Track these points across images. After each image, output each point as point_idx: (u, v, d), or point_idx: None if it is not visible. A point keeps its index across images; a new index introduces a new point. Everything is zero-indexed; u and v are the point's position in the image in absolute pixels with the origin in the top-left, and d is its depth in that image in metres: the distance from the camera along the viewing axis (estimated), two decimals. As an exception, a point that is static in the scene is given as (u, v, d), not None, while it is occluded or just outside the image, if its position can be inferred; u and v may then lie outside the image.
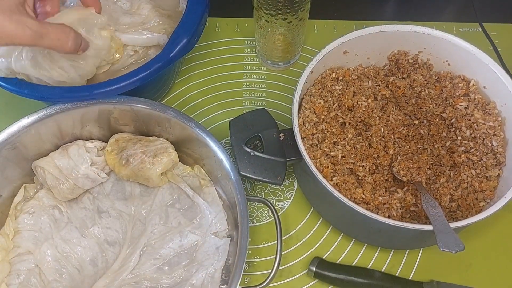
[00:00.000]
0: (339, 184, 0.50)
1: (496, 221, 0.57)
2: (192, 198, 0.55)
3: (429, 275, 0.54)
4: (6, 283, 0.50)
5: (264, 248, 0.56)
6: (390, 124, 0.54)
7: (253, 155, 0.51)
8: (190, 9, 0.55)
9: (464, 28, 0.72)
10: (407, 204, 0.49)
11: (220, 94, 0.67)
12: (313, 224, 0.57)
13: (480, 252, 0.55)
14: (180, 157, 0.56)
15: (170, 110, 0.52)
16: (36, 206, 0.54)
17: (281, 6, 0.55)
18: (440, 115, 0.55)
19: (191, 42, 0.54)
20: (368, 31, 0.55)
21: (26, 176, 0.56)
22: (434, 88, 0.56)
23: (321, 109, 0.54)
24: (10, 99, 0.63)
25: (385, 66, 0.60)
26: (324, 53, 0.54)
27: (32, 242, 0.52)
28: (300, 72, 0.53)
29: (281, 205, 0.59)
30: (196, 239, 0.53)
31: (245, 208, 0.48)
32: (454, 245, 0.42)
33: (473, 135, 0.53)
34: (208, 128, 0.61)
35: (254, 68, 0.69)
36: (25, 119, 0.51)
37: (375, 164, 0.52)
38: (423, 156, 0.53)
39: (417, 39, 0.56)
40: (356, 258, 0.55)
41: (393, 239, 0.52)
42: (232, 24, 0.73)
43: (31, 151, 0.54)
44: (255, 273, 0.55)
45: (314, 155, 0.51)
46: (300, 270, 0.55)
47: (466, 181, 0.50)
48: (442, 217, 0.45)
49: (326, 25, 0.73)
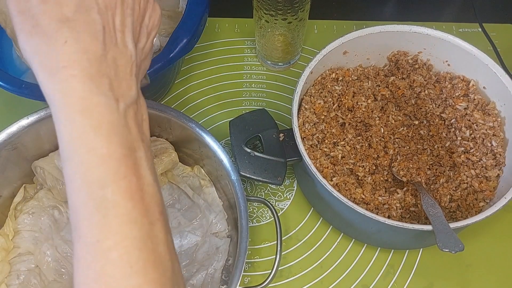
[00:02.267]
0: (339, 184, 0.50)
1: (496, 221, 0.57)
2: (192, 199, 0.55)
3: (429, 275, 0.54)
4: (6, 284, 0.50)
5: (264, 248, 0.56)
6: (390, 124, 0.54)
7: (253, 155, 0.51)
8: (190, 10, 0.55)
9: (464, 29, 0.72)
10: (406, 204, 0.49)
11: (220, 94, 0.67)
12: (313, 224, 0.57)
13: (480, 252, 0.55)
14: (180, 157, 0.56)
15: (170, 110, 0.52)
16: (36, 207, 0.54)
17: (281, 6, 0.55)
18: (439, 116, 0.55)
19: (191, 43, 0.54)
20: (368, 31, 0.55)
21: (26, 177, 0.56)
22: (434, 88, 0.56)
23: (321, 110, 0.54)
24: (10, 99, 0.63)
25: (385, 66, 0.60)
26: (324, 53, 0.54)
27: (32, 242, 0.52)
28: (300, 72, 0.53)
29: (281, 205, 0.59)
30: (196, 240, 0.53)
31: (245, 208, 0.48)
32: (454, 245, 0.42)
33: (473, 135, 0.53)
34: (208, 128, 0.61)
35: (254, 69, 0.69)
36: (25, 119, 0.51)
37: (375, 164, 0.52)
38: (423, 157, 0.53)
39: (417, 40, 0.56)
40: (356, 258, 0.55)
41: (393, 239, 0.53)
42: (232, 24, 0.73)
43: (31, 151, 0.54)
44: (255, 273, 0.55)
45: (314, 156, 0.51)
46: (300, 270, 0.55)
47: (465, 182, 0.50)
48: (442, 217, 0.45)
49: (326, 26, 0.73)
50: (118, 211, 0.26)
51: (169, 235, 0.29)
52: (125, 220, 0.26)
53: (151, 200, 0.27)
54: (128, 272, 0.25)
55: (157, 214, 0.27)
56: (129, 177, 0.26)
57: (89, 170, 0.26)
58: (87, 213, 0.26)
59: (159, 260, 0.27)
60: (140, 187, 0.27)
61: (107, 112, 0.26)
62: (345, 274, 0.54)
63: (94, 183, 0.26)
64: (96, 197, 0.26)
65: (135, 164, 0.27)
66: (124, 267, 0.25)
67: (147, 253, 0.26)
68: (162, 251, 0.27)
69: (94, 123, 0.26)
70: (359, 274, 0.54)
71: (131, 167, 0.27)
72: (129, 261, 0.25)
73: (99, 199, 0.25)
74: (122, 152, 0.26)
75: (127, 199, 0.26)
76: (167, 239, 0.28)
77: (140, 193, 0.27)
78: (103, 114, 0.26)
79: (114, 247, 0.25)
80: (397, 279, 0.54)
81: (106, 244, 0.25)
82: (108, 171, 0.26)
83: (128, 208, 0.26)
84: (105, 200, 0.25)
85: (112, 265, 0.25)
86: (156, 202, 0.28)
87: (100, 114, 0.26)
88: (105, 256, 0.25)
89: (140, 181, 0.27)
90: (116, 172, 0.26)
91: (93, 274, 0.25)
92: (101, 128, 0.26)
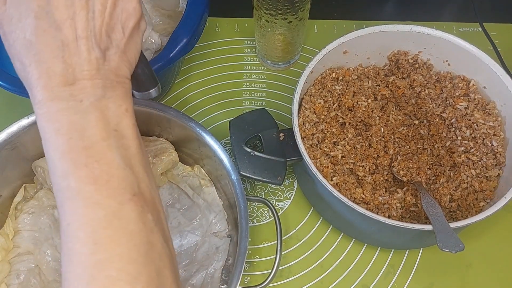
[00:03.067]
0: (339, 184, 0.50)
1: (496, 221, 0.57)
2: (192, 198, 0.55)
3: (429, 275, 0.54)
4: (6, 283, 0.50)
5: (264, 248, 0.56)
6: (390, 124, 0.54)
7: (253, 155, 0.51)
8: (190, 9, 0.55)
9: (464, 28, 0.72)
10: (407, 204, 0.49)
11: (220, 94, 0.67)
12: (313, 224, 0.57)
13: (480, 252, 0.55)
14: (180, 157, 0.56)
15: (170, 110, 0.52)
16: (36, 206, 0.54)
17: (281, 6, 0.55)
18: (440, 115, 0.55)
19: (191, 42, 0.54)
20: (368, 31, 0.55)
21: (26, 176, 0.55)
22: (434, 88, 0.56)
23: (321, 109, 0.54)
24: (10, 99, 0.63)
25: (385, 66, 0.60)
26: (324, 53, 0.54)
27: (32, 242, 0.52)
28: (300, 72, 0.53)
29: (281, 205, 0.59)
30: (196, 239, 0.53)
31: (245, 208, 0.48)
32: (454, 245, 0.42)
33: (473, 135, 0.53)
34: (208, 128, 0.61)
35: (254, 68, 0.69)
36: (25, 119, 0.51)
37: (375, 164, 0.52)
38: (423, 156, 0.53)
39: (417, 39, 0.56)
40: (356, 258, 0.55)
41: (393, 239, 0.53)
42: (232, 24, 0.73)
43: (31, 151, 0.54)
44: (255, 273, 0.55)
45: (314, 155, 0.51)
46: (300, 270, 0.55)
47: (466, 181, 0.50)
48: (442, 217, 0.45)
49: (326, 25, 0.73)
50: (82, 195, 0.28)
51: (150, 214, 0.30)
52: (89, 203, 0.28)
53: (121, 183, 0.29)
54: (92, 249, 0.28)
55: (127, 195, 0.29)
56: (90, 165, 0.29)
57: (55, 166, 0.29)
58: (60, 201, 0.29)
59: (129, 237, 0.29)
60: (106, 172, 0.29)
61: (67, 114, 0.29)
62: (345, 274, 0.54)
63: (60, 176, 0.29)
64: (62, 187, 0.29)
65: (99, 152, 0.29)
66: (88, 244, 0.28)
67: (113, 230, 0.28)
68: (133, 229, 0.29)
69: (56, 126, 0.29)
70: (359, 274, 0.54)
71: (94, 155, 0.29)
72: (94, 239, 0.28)
73: (65, 188, 0.29)
74: (83, 144, 0.29)
75: (89, 184, 0.29)
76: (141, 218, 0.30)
77: (105, 177, 0.29)
78: (64, 116, 0.29)
79: (80, 228, 0.28)
80: (397, 279, 0.54)
81: (74, 226, 0.28)
82: (68, 163, 0.29)
83: (90, 191, 0.28)
84: (70, 188, 0.29)
85: (79, 244, 0.28)
86: (128, 184, 0.30)
87: (61, 117, 0.29)
88: (74, 236, 0.28)
89: (106, 167, 0.29)
90: (75, 163, 0.29)
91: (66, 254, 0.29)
92: (61, 129, 0.29)
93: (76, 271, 0.28)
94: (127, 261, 0.28)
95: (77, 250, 0.28)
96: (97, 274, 0.27)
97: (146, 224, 0.30)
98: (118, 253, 0.28)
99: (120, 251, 0.28)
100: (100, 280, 0.27)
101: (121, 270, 0.28)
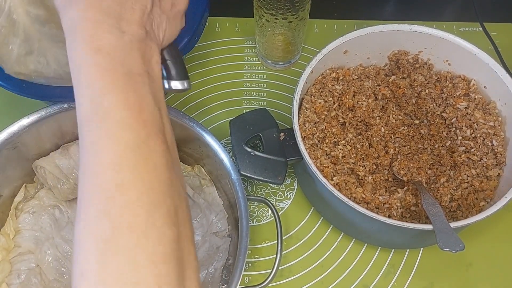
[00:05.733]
0: (340, 183, 0.50)
1: (496, 221, 0.57)
2: (192, 198, 0.55)
3: (430, 274, 0.54)
4: (7, 283, 0.50)
5: (264, 248, 0.56)
6: (391, 124, 0.54)
7: (253, 154, 0.51)
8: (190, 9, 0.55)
9: (465, 28, 0.72)
10: (407, 204, 0.49)
11: (221, 93, 0.67)
12: (313, 223, 0.57)
13: (480, 252, 0.55)
14: (181, 157, 0.56)
15: (170, 110, 0.52)
16: (37, 206, 0.54)
17: (282, 5, 0.55)
18: (440, 115, 0.55)
19: (192, 42, 0.54)
20: (369, 30, 0.55)
21: (26, 176, 0.56)
22: (435, 87, 0.56)
23: (321, 109, 0.54)
24: (11, 99, 0.63)
25: (385, 65, 0.60)
26: (324, 52, 0.54)
27: (32, 241, 0.52)
28: (301, 71, 0.53)
29: (282, 204, 0.59)
30: (196, 239, 0.53)
31: (245, 207, 0.48)
32: (454, 245, 0.42)
33: (474, 134, 0.53)
34: (209, 127, 0.61)
35: (255, 68, 0.69)
36: (26, 119, 0.51)
37: (375, 163, 0.52)
38: (423, 156, 0.53)
39: (417, 39, 0.56)
40: (356, 258, 0.55)
41: (393, 239, 0.53)
42: (232, 23, 0.73)
43: (31, 150, 0.54)
44: (255, 272, 0.55)
45: (314, 155, 0.51)
46: (301, 270, 0.55)
47: (466, 181, 0.50)
48: (442, 217, 0.45)
49: (326, 25, 0.73)
50: (114, 117, 0.27)
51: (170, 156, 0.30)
52: (120, 125, 0.27)
53: (150, 117, 0.29)
54: (116, 169, 0.27)
55: (155, 130, 0.29)
56: (126, 91, 0.28)
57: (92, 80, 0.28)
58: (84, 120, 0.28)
59: (153, 166, 0.28)
60: (139, 103, 0.28)
61: (110, 36, 0.29)
62: (346, 273, 0.54)
63: (89, 95, 0.28)
64: (96, 103, 0.28)
65: (136, 83, 0.29)
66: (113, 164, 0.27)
67: (139, 156, 0.27)
68: (157, 161, 0.28)
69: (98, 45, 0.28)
70: (359, 274, 0.54)
71: (131, 84, 0.29)
72: (120, 159, 0.27)
73: (96, 107, 0.28)
74: (123, 70, 0.28)
75: (122, 108, 0.28)
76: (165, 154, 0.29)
77: (138, 107, 0.28)
78: (105, 38, 0.29)
79: (106, 147, 0.27)
80: (398, 279, 0.54)
81: (100, 145, 0.27)
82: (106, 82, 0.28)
83: (122, 115, 0.28)
84: (102, 107, 0.28)
85: (103, 163, 0.27)
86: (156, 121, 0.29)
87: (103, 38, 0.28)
88: (98, 155, 0.27)
89: (139, 99, 0.29)
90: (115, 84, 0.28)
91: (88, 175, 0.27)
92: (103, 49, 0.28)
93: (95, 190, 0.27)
94: (150, 188, 0.27)
95: (99, 170, 0.27)
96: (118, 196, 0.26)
97: (169, 162, 0.29)
98: (141, 178, 0.27)
99: (143, 176, 0.27)
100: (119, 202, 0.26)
101: (142, 195, 0.27)
